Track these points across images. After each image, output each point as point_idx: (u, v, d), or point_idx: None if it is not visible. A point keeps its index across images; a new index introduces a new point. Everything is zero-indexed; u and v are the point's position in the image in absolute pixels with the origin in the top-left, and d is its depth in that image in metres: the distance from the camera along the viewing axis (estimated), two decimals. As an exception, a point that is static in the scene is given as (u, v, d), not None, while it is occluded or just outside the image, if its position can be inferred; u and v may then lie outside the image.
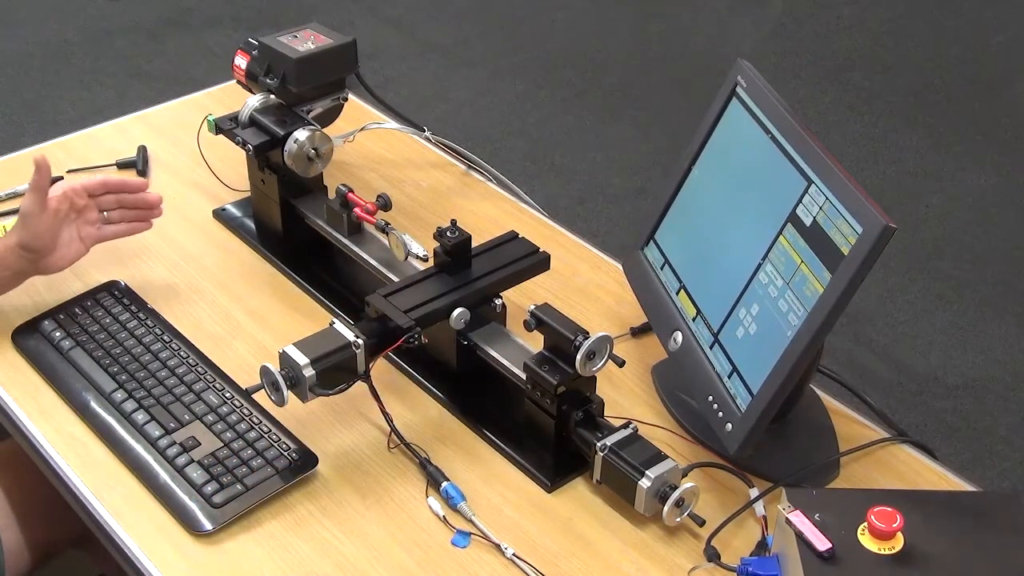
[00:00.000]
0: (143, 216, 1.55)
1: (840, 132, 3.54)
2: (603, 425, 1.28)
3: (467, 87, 3.76)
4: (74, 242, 1.48)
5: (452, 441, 1.35)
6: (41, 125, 3.40)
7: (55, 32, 3.94)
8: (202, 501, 1.24)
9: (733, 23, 4.14)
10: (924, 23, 4.14)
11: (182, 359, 1.41)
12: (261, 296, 1.56)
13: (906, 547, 1.04)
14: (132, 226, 1.55)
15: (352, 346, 1.26)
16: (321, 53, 1.57)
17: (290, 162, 1.53)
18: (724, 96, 1.38)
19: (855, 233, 1.12)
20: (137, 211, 1.54)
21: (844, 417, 1.40)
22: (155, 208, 1.56)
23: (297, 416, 1.34)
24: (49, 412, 1.37)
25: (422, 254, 1.41)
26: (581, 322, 1.27)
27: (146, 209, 1.55)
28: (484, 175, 1.83)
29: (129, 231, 1.55)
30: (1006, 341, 2.80)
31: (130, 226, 1.54)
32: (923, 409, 2.61)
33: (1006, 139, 3.55)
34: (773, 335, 1.19)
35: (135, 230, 1.55)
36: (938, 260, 3.05)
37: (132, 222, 1.54)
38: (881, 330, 2.83)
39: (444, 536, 1.23)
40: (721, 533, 1.23)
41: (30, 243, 1.43)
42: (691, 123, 1.48)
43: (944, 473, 1.33)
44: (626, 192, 3.29)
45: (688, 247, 1.41)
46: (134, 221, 1.55)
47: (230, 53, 1.67)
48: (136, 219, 1.55)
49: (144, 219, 1.56)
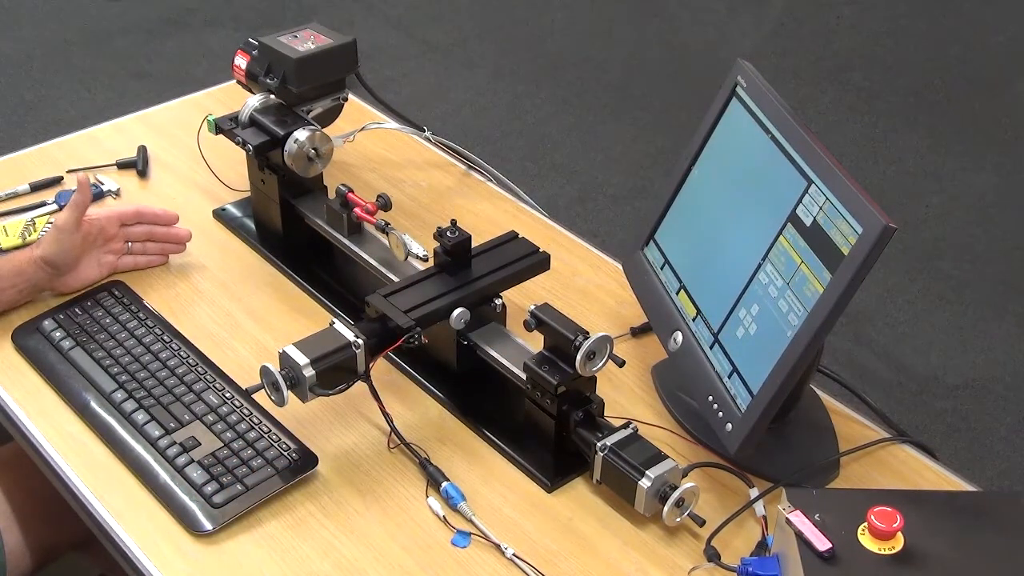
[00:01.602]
0: (168, 250, 1.59)
1: (840, 132, 3.54)
2: (603, 425, 1.28)
3: (467, 87, 3.76)
4: (93, 267, 1.52)
5: (452, 441, 1.35)
6: (41, 125, 3.40)
7: (55, 32, 3.94)
8: (202, 501, 1.24)
9: (733, 23, 4.14)
10: (924, 23, 4.14)
11: (182, 359, 1.41)
12: (261, 296, 1.56)
13: (906, 547, 1.04)
14: (150, 259, 1.58)
15: (352, 346, 1.26)
16: (321, 53, 1.57)
17: (290, 162, 1.53)
18: (724, 96, 1.38)
19: (855, 233, 1.12)
20: (163, 245, 1.57)
21: (844, 417, 1.40)
22: (183, 243, 1.59)
23: (297, 416, 1.34)
24: (49, 412, 1.37)
25: (422, 254, 1.41)
26: (581, 322, 1.27)
27: (174, 243, 1.58)
28: (484, 175, 1.83)
29: (147, 264, 1.58)
30: (1006, 341, 2.80)
31: (148, 259, 1.58)
32: (923, 409, 2.61)
33: (1006, 139, 3.55)
34: (773, 335, 1.19)
35: (152, 263, 1.58)
36: (938, 260, 3.05)
37: (152, 255, 1.57)
38: (881, 330, 2.83)
39: (444, 536, 1.23)
40: (721, 533, 1.23)
41: (55, 258, 1.46)
42: (691, 123, 1.48)
43: (944, 473, 1.33)
44: (626, 192, 3.29)
45: (688, 247, 1.41)
46: (155, 254, 1.58)
47: (230, 53, 1.67)
48: (158, 252, 1.58)
49: (167, 252, 1.59)
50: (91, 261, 1.52)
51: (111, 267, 1.54)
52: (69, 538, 1.53)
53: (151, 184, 1.77)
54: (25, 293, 1.47)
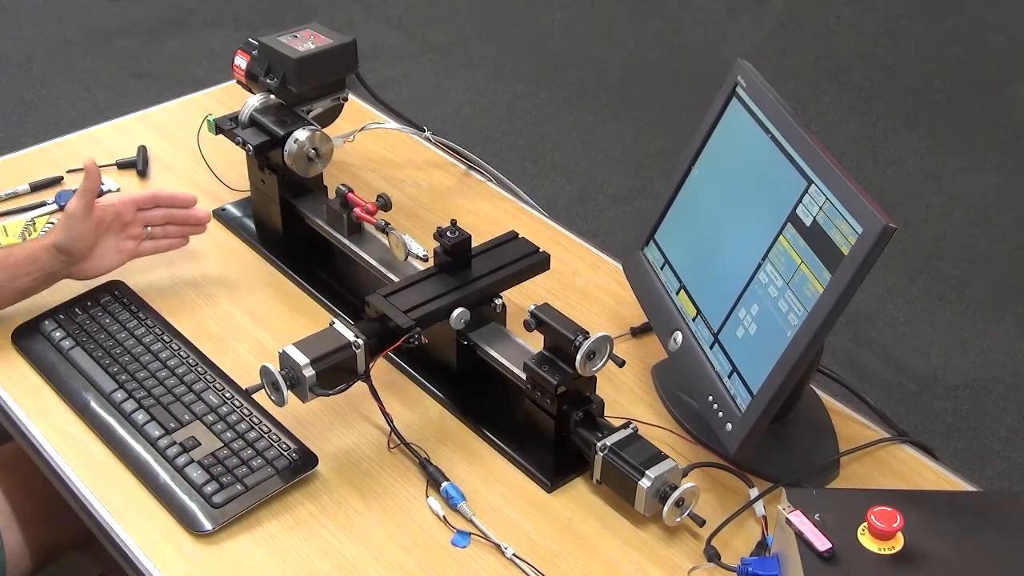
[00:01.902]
0: (187, 232, 1.57)
1: (840, 132, 3.54)
2: (603, 425, 1.28)
3: (467, 87, 3.76)
4: (111, 253, 1.50)
5: (452, 441, 1.35)
6: (41, 125, 3.40)
7: (55, 32, 3.94)
8: (202, 501, 1.24)
9: (733, 23, 4.14)
10: (924, 23, 4.14)
11: (182, 359, 1.41)
12: (261, 296, 1.56)
13: (906, 547, 1.04)
14: (172, 242, 1.56)
15: (352, 346, 1.26)
16: (321, 53, 1.57)
17: (290, 162, 1.53)
18: (724, 96, 1.38)
19: (855, 233, 1.12)
20: (183, 227, 1.56)
21: (844, 417, 1.40)
22: (203, 225, 1.57)
23: (297, 416, 1.34)
24: (49, 412, 1.37)
25: (422, 254, 1.41)
26: (581, 322, 1.27)
27: (194, 225, 1.57)
28: (484, 175, 1.83)
29: (168, 247, 1.56)
30: (1006, 341, 2.80)
31: (169, 242, 1.56)
32: (923, 409, 2.61)
33: (1006, 139, 3.55)
34: (773, 335, 1.19)
35: (173, 246, 1.56)
36: (938, 260, 3.05)
37: (173, 238, 1.56)
38: (881, 330, 2.83)
39: (444, 536, 1.23)
40: (721, 533, 1.23)
41: (67, 245, 1.44)
42: (691, 123, 1.48)
43: (944, 473, 1.33)
44: (626, 192, 3.29)
45: (688, 247, 1.41)
46: (176, 237, 1.56)
47: (230, 53, 1.67)
48: (179, 235, 1.56)
49: (187, 235, 1.57)
50: (108, 248, 1.49)
51: (131, 253, 1.52)
52: (69, 538, 1.53)
53: (151, 184, 1.77)
54: (40, 281, 1.45)
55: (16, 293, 1.45)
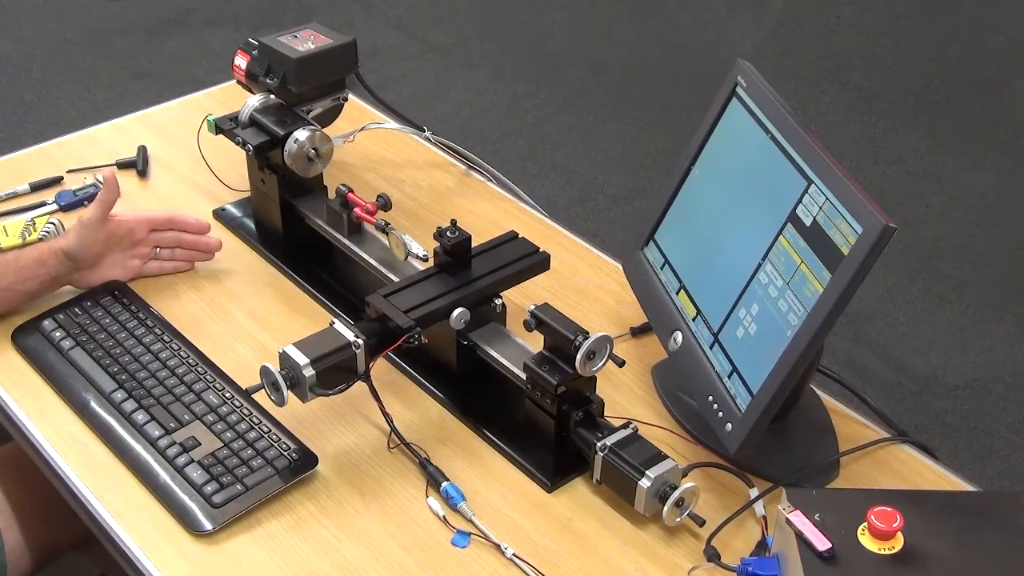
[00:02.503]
0: (195, 258, 1.58)
1: (840, 132, 3.54)
2: (603, 425, 1.28)
3: (467, 87, 3.76)
4: (116, 267, 1.52)
5: (452, 441, 1.35)
6: (41, 125, 3.40)
7: (55, 32, 3.94)
8: (202, 501, 1.24)
9: (733, 23, 4.14)
10: (924, 23, 4.14)
11: (182, 359, 1.41)
12: (261, 296, 1.56)
13: (906, 547, 1.04)
14: (177, 265, 1.57)
15: (352, 346, 1.26)
16: (321, 53, 1.57)
17: (290, 162, 1.53)
18: (724, 96, 1.38)
19: (855, 233, 1.12)
20: (191, 252, 1.57)
21: (844, 417, 1.40)
22: (211, 253, 1.59)
23: (297, 416, 1.34)
24: (49, 412, 1.37)
25: (422, 254, 1.41)
26: (581, 322, 1.27)
27: (203, 252, 1.58)
28: (484, 175, 1.83)
29: (173, 270, 1.57)
30: (1006, 341, 2.80)
31: (175, 265, 1.57)
32: (923, 409, 2.61)
33: (1006, 139, 3.55)
34: (773, 335, 1.19)
35: (179, 269, 1.58)
36: (938, 260, 3.05)
37: (179, 261, 1.57)
38: (881, 330, 2.83)
39: (444, 536, 1.23)
40: (721, 533, 1.22)
41: (75, 252, 1.45)
42: (691, 123, 1.48)
43: (944, 473, 1.33)
44: (626, 192, 3.29)
45: (688, 247, 1.41)
46: (182, 260, 1.57)
47: (230, 53, 1.67)
48: (185, 259, 1.57)
49: (193, 260, 1.58)
50: (115, 261, 1.51)
51: (135, 271, 1.54)
52: (69, 538, 1.53)
53: (151, 184, 1.77)
54: (47, 284, 1.47)
55: (26, 295, 1.46)
